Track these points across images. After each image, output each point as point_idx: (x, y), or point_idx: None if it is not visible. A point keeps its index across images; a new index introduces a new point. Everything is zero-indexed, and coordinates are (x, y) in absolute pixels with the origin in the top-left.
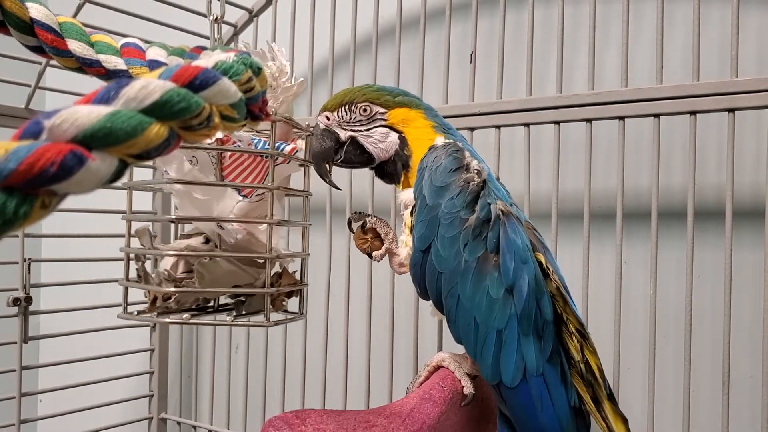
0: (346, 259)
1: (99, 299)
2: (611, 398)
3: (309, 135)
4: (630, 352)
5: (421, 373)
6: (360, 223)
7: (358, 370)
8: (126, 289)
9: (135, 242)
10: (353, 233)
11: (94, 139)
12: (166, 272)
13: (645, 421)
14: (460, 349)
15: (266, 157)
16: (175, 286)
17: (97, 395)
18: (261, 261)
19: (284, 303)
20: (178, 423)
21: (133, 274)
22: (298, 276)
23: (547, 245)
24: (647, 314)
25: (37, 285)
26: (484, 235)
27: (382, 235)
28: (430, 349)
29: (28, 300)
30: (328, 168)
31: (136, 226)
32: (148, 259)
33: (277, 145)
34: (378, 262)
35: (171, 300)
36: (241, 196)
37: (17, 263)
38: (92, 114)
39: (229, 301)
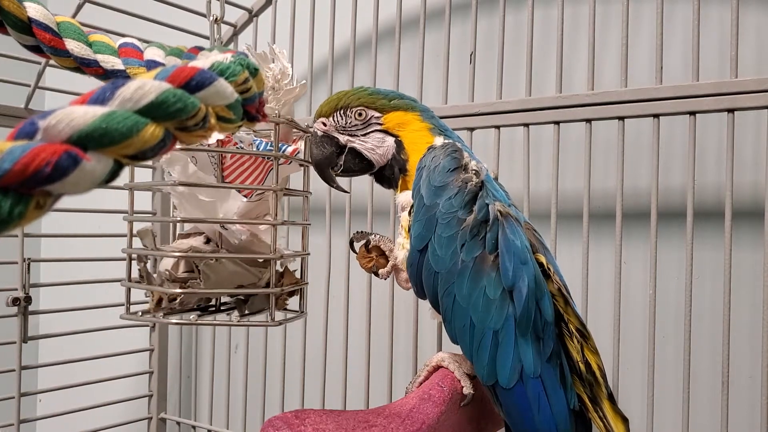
0: (345, 259)
1: (98, 299)
2: (611, 398)
3: (309, 135)
4: (629, 352)
5: (420, 373)
6: (363, 242)
7: (358, 370)
8: (129, 290)
9: (137, 243)
10: (356, 253)
11: (90, 139)
12: (167, 272)
13: (644, 421)
14: (459, 350)
15: (269, 158)
16: (180, 287)
17: (96, 395)
18: (262, 261)
19: (286, 302)
20: (178, 423)
21: (134, 274)
22: (297, 275)
23: (547, 246)
24: (647, 314)
25: (37, 285)
26: (481, 236)
27: (386, 252)
28: (429, 349)
29: (28, 300)
30: (332, 174)
31: (138, 226)
32: (149, 259)
33: (279, 146)
34: (385, 279)
35: (176, 300)
36: (241, 196)
37: (17, 263)
38: (87, 114)
39: (229, 300)
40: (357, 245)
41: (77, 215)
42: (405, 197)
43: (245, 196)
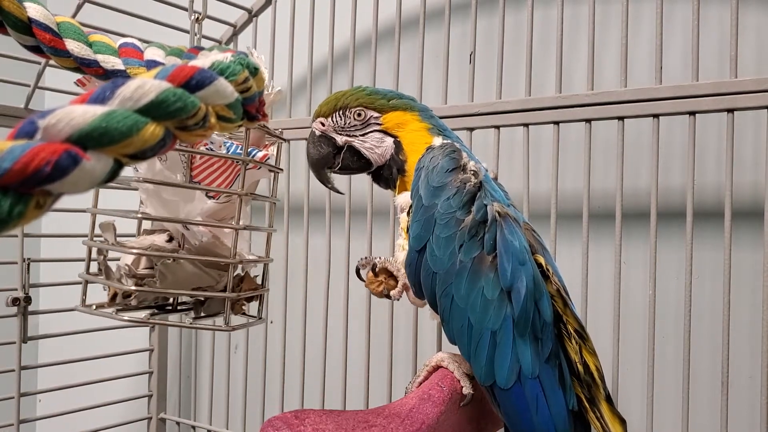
0: (345, 259)
1: (97, 299)
2: (609, 400)
3: (282, 141)
4: (629, 352)
5: (420, 373)
6: (368, 267)
7: (358, 371)
8: (86, 283)
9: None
10: (364, 281)
11: (89, 138)
12: (127, 267)
13: (644, 421)
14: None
15: (238, 162)
16: (136, 284)
17: (96, 395)
18: (223, 263)
19: (244, 307)
20: (177, 423)
21: (94, 268)
22: (259, 280)
23: (546, 246)
24: (646, 314)
25: (36, 285)
26: (480, 236)
27: (394, 273)
28: (429, 349)
29: (28, 300)
30: (328, 174)
31: (101, 220)
32: (108, 253)
33: (249, 150)
34: (397, 300)
35: (131, 297)
36: (208, 197)
37: (16, 263)
38: (87, 114)
39: (187, 300)
40: (364, 272)
41: (77, 215)
42: (404, 199)
43: (212, 197)
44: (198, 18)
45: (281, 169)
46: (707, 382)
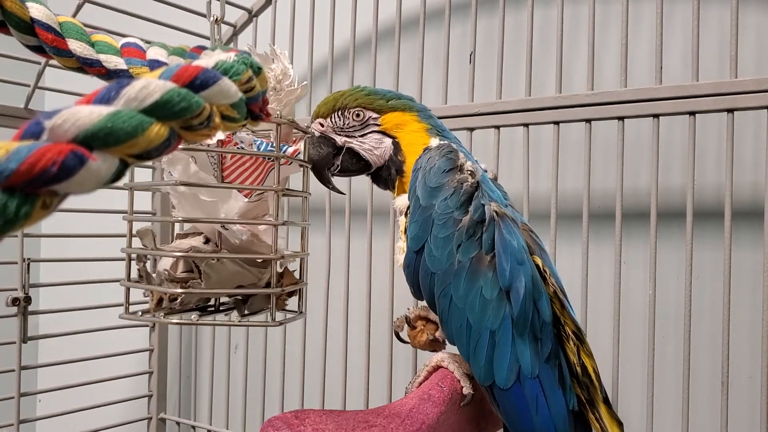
0: (345, 259)
1: (98, 299)
2: (607, 402)
3: (308, 136)
4: (629, 352)
5: (420, 373)
6: (405, 324)
7: (358, 371)
8: (128, 290)
9: (136, 242)
10: (406, 340)
11: (95, 139)
12: (166, 272)
13: (644, 421)
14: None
15: (270, 159)
16: (180, 287)
17: (96, 395)
18: (261, 261)
19: (286, 302)
20: (177, 423)
21: (134, 274)
22: (296, 275)
23: (544, 247)
24: (646, 314)
25: (36, 285)
26: (478, 236)
27: (428, 315)
28: None
29: (28, 300)
30: (328, 174)
31: (137, 226)
32: (149, 259)
33: (281, 146)
34: (444, 341)
35: (176, 300)
36: (242, 196)
37: (16, 263)
38: (93, 114)
39: (227, 300)
40: (403, 334)
41: (77, 215)
42: (402, 201)
43: (245, 196)
44: (217, 19)
45: (310, 164)
46: (707, 383)
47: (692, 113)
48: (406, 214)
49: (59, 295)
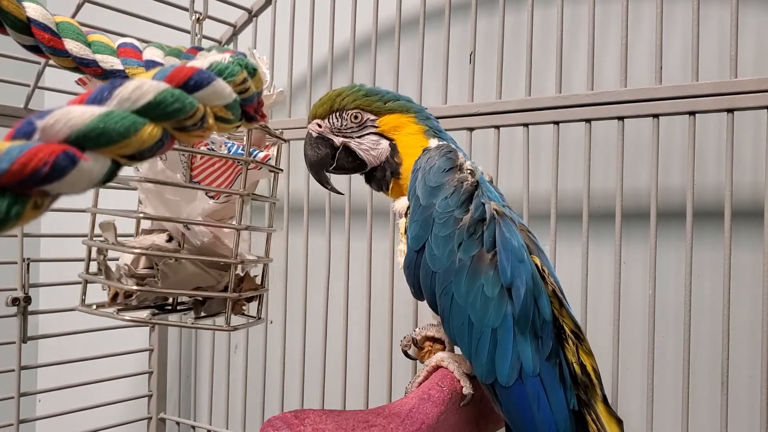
0: (344, 259)
1: (97, 299)
2: (605, 401)
3: (282, 142)
4: (629, 352)
5: (420, 373)
6: (412, 345)
7: (357, 371)
8: (85, 282)
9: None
10: (415, 358)
11: (87, 139)
12: (126, 267)
13: (644, 420)
14: (459, 350)
15: (240, 163)
16: (137, 283)
17: (96, 395)
18: (222, 264)
19: (244, 307)
20: (177, 423)
21: (93, 268)
22: (259, 280)
23: (542, 247)
24: (646, 314)
25: (36, 285)
26: (478, 234)
27: (434, 335)
28: None
29: (27, 300)
30: (326, 175)
31: (100, 219)
32: (107, 253)
33: (251, 150)
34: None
35: (132, 297)
36: (208, 197)
37: (16, 263)
38: (85, 114)
39: (186, 300)
40: (412, 352)
41: (76, 215)
42: (402, 203)
43: (212, 197)
44: (199, 18)
45: (281, 170)
46: (707, 382)
47: (692, 113)
48: (406, 215)
49: (59, 295)
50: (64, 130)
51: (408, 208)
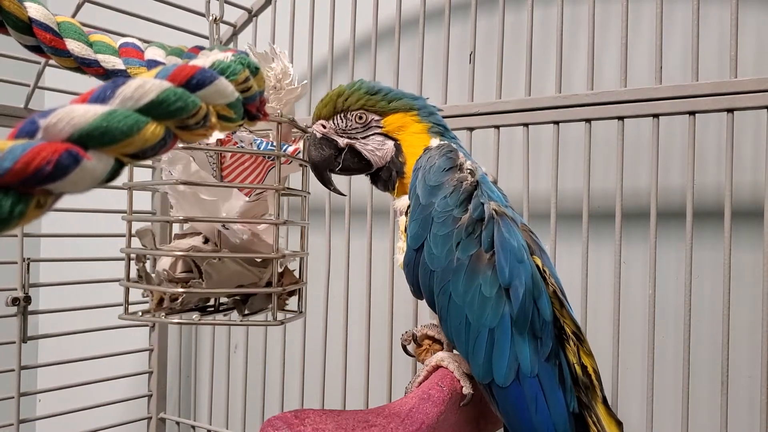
0: (344, 259)
1: (97, 299)
2: (605, 402)
3: (308, 135)
4: (629, 352)
5: (420, 373)
6: (411, 340)
7: (357, 370)
8: (127, 290)
9: (136, 242)
10: (413, 354)
11: (90, 138)
12: (165, 272)
13: (643, 420)
14: None
15: (270, 158)
16: (180, 287)
17: (96, 395)
18: (261, 260)
19: (286, 302)
20: (177, 423)
21: (133, 274)
22: (296, 274)
23: (544, 248)
24: (646, 314)
25: (36, 285)
26: (477, 234)
27: (434, 335)
28: None
29: (27, 300)
30: (330, 176)
31: (136, 226)
32: (148, 259)
33: (281, 145)
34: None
35: (177, 300)
36: (243, 195)
37: (16, 263)
38: (88, 113)
39: (226, 300)
40: (410, 348)
41: (77, 215)
42: (402, 202)
43: (244, 195)
44: (216, 19)
45: (311, 165)
46: (707, 382)
47: (692, 113)
48: (406, 214)
49: (59, 295)
50: (67, 128)
51: (408, 206)
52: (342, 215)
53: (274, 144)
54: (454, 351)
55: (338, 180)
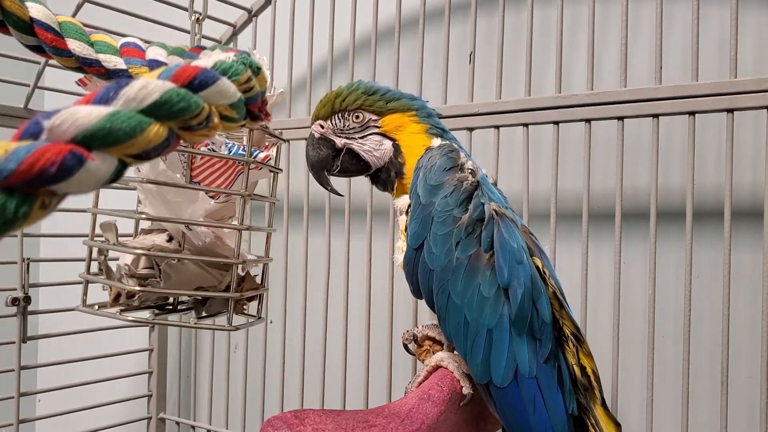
0: (344, 259)
1: (97, 299)
2: (604, 404)
3: (281, 142)
4: (629, 352)
5: (419, 373)
6: (412, 340)
7: (357, 371)
8: (86, 283)
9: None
10: (414, 354)
11: (94, 139)
12: (127, 267)
13: (643, 420)
14: None
15: (240, 163)
16: (140, 284)
17: (95, 395)
18: (223, 264)
19: (245, 307)
20: (177, 423)
21: (95, 268)
22: (259, 280)
23: (543, 249)
24: (646, 314)
25: (36, 285)
26: (477, 234)
27: (435, 336)
28: None
29: (27, 300)
30: (327, 176)
31: (101, 220)
32: (109, 253)
33: (251, 151)
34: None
35: (134, 297)
36: (208, 197)
37: (16, 263)
38: (92, 114)
39: (186, 300)
40: (411, 347)
41: (77, 215)
42: (402, 201)
43: (212, 197)
44: (198, 18)
45: (281, 170)
46: (707, 382)
47: (692, 113)
48: (407, 213)
49: (59, 295)
50: (71, 130)
51: (409, 205)
52: (342, 215)
53: (246, 149)
54: (454, 351)
55: (337, 179)
